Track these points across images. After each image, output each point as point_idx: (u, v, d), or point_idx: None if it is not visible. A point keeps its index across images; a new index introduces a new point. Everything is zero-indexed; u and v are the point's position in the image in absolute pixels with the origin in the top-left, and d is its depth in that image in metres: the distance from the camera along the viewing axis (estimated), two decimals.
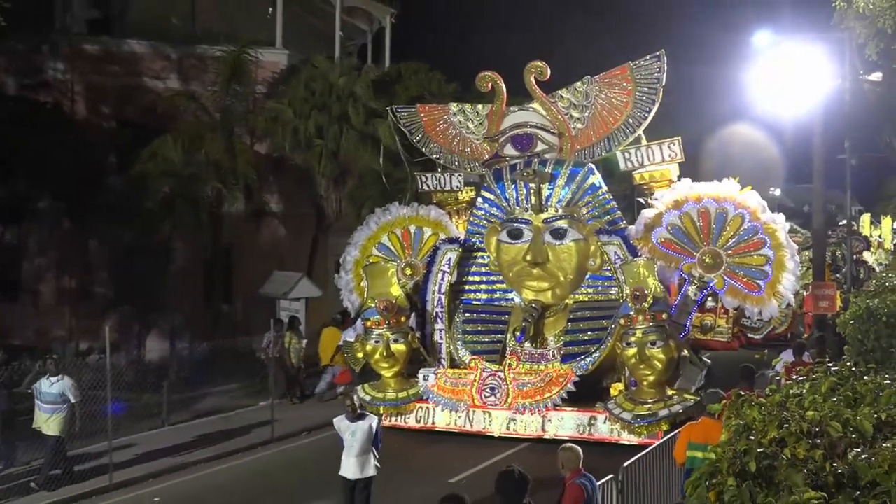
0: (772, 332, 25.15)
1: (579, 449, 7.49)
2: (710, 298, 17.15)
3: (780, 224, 14.76)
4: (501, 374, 15.05)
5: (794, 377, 4.54)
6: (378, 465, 9.95)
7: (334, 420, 10.07)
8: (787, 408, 3.71)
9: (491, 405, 14.94)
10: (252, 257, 25.70)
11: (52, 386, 12.62)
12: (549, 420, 14.52)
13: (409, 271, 17.26)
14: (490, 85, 16.93)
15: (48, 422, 12.56)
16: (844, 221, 33.08)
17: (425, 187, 18.67)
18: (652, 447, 10.68)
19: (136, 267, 23.12)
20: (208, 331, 23.73)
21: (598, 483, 7.64)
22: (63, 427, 12.67)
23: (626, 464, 8.94)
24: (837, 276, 28.66)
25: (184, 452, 14.72)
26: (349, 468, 9.70)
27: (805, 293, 26.99)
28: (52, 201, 23.23)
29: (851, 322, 10.40)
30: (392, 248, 17.90)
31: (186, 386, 19.89)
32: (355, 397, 10.01)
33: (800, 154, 30.57)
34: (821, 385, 3.90)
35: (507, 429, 14.83)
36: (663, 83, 15.59)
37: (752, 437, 3.46)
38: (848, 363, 4.51)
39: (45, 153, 21.63)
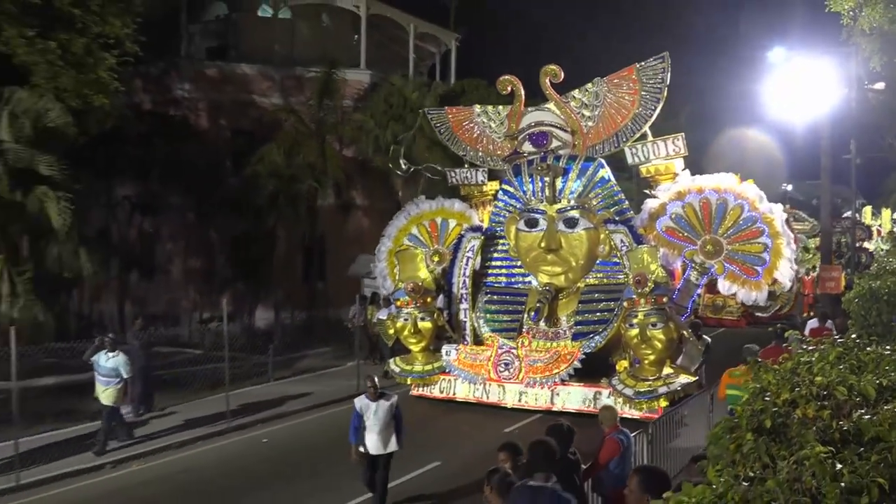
0: (778, 312, 24.05)
1: (616, 408, 7.42)
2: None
3: (777, 214, 13.77)
4: (515, 351, 14.43)
5: (817, 340, 4.40)
6: (401, 439, 9.05)
7: (355, 400, 9.12)
8: (798, 373, 3.61)
9: (505, 379, 14.31)
10: (341, 243, 26.01)
11: (108, 361, 11.95)
12: (558, 394, 13.80)
13: (436, 258, 16.52)
14: (510, 88, 16.14)
15: (104, 393, 11.90)
16: (849, 213, 32.04)
17: (454, 181, 17.88)
18: (674, 407, 10.57)
19: (248, 251, 23.64)
20: (306, 304, 24.17)
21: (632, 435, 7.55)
22: (116, 398, 11.98)
23: (655, 419, 8.83)
24: (841, 261, 27.74)
25: (286, 403, 14.98)
26: (373, 444, 8.86)
27: (806, 277, 26.31)
28: (180, 197, 23.82)
29: (856, 300, 10.03)
30: (421, 237, 17.17)
31: (288, 349, 20.27)
32: (376, 379, 9.13)
33: (809, 154, 29.55)
34: (828, 354, 3.77)
35: (520, 401, 14.13)
36: (667, 83, 14.61)
37: (767, 398, 3.38)
38: (853, 336, 4.36)
39: (174, 158, 22.22)
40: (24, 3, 15.59)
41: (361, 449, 8.90)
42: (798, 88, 18.40)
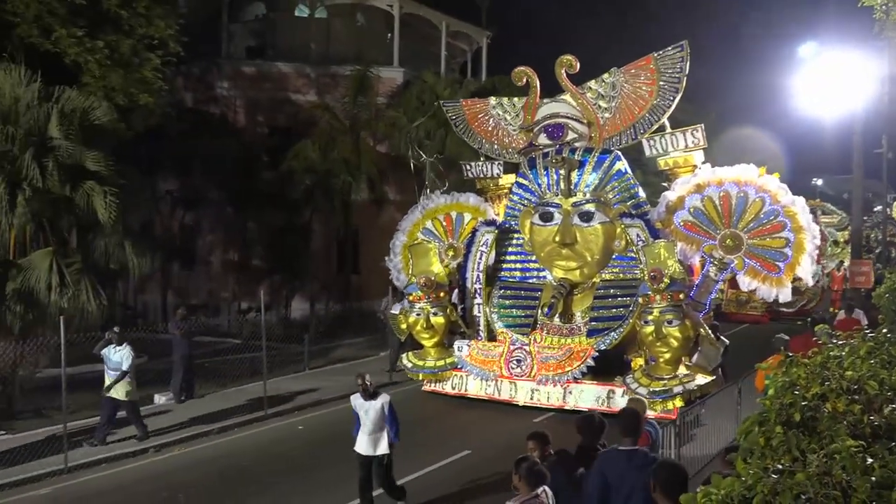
0: (804, 307, 23.36)
1: (645, 401, 7.36)
2: None
3: (800, 207, 12.91)
4: (527, 347, 13.83)
5: (847, 334, 4.32)
6: (396, 440, 8.53)
7: (351, 398, 8.66)
8: (828, 368, 3.55)
9: (517, 376, 13.71)
10: (374, 236, 26.04)
11: (115, 354, 11.63)
12: (570, 392, 13.20)
13: (451, 252, 16.00)
14: (525, 79, 15.47)
15: (116, 388, 11.59)
16: (880, 207, 31.27)
17: (469, 175, 17.32)
18: (703, 399, 10.42)
19: (284, 244, 23.85)
20: (340, 295, 24.35)
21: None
22: (126, 391, 11.64)
23: (684, 411, 8.75)
24: (871, 255, 27.08)
25: (321, 391, 15.10)
26: (363, 445, 8.43)
27: (837, 272, 25.68)
28: (219, 192, 24.11)
29: (886, 295, 9.82)
30: (435, 232, 16.62)
31: (323, 339, 20.45)
32: (367, 377, 8.51)
33: (840, 148, 28.94)
34: (859, 349, 3.71)
35: (532, 398, 13.52)
36: (686, 72, 13.86)
37: (796, 392, 3.33)
38: (884, 331, 4.26)
39: (214, 153, 22.49)
40: (73, 4, 15.91)
41: (356, 448, 8.51)
42: (829, 83, 18.00)
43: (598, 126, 14.67)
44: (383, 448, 8.42)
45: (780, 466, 2.83)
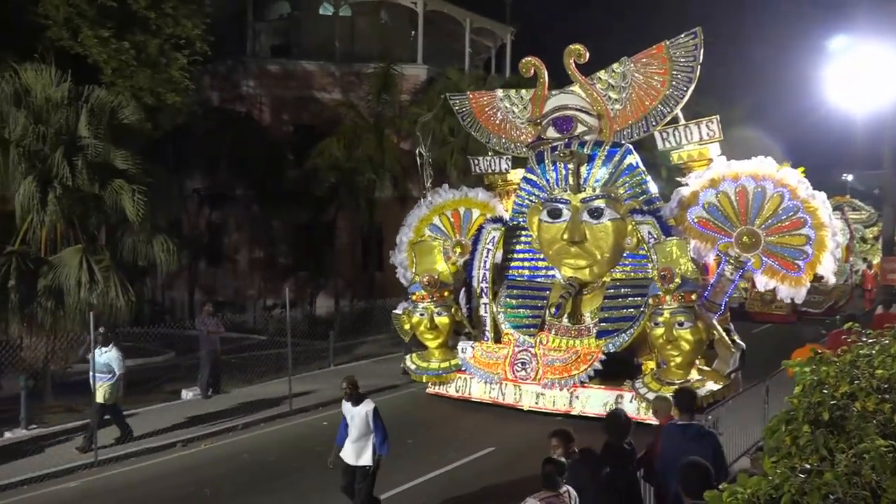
0: (832, 307, 22.39)
1: (671, 399, 7.28)
2: None
3: (821, 202, 12.10)
4: (532, 350, 13.19)
5: (878, 332, 4.23)
6: (384, 451, 7.99)
7: (343, 402, 8.23)
8: (857, 366, 3.49)
9: (521, 379, 13.09)
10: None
11: (101, 356, 11.14)
12: (577, 397, 12.57)
13: (458, 249, 15.40)
14: (532, 70, 14.77)
15: (98, 390, 11.08)
16: None
17: (477, 170, 16.67)
18: (730, 397, 10.27)
19: (309, 241, 24.05)
20: (364, 292, 24.45)
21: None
22: (109, 395, 11.15)
23: (709, 409, 8.65)
24: None
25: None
26: (347, 452, 7.99)
27: (868, 271, 25.12)
28: (245, 190, 24.35)
29: None
30: (443, 228, 16.02)
31: (347, 335, 20.54)
32: (351, 380, 8.11)
33: (871, 143, 28.40)
34: (890, 347, 3.63)
35: (536, 403, 12.93)
36: (700, 60, 13.10)
37: (825, 391, 3.28)
38: None
39: (240, 151, 22.71)
40: (102, 6, 16.15)
41: (341, 454, 8.07)
42: (861, 77, 17.68)
43: (609, 118, 14.02)
44: (366, 458, 7.92)
45: (807, 466, 2.79)
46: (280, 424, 12.92)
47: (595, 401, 12.44)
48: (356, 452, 7.94)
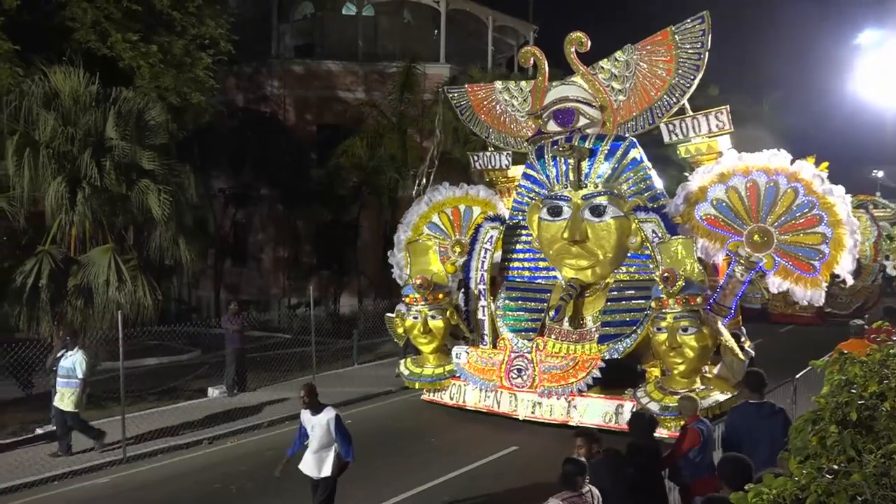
0: (859, 308, 21.45)
1: (698, 399, 7.29)
2: None
3: (839, 198, 11.16)
4: (529, 356, 12.42)
5: None
6: (350, 458, 7.60)
7: (302, 410, 7.75)
8: (887, 366, 3.43)
9: (517, 387, 12.35)
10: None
11: (66, 359, 10.73)
12: (575, 406, 11.77)
13: (458, 249, 14.67)
14: (532, 60, 14.07)
15: (61, 395, 10.66)
16: None
17: (477, 166, 15.98)
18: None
19: (333, 240, 24.17)
20: (387, 290, 24.49)
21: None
22: (74, 402, 10.68)
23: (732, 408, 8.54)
24: None
25: (370, 385, 15.23)
26: (306, 464, 7.51)
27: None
28: (269, 189, 24.55)
29: None
30: (442, 226, 15.35)
31: (371, 334, 20.60)
32: (307, 389, 7.60)
33: None
34: None
35: (533, 412, 12.16)
36: (708, 47, 12.33)
37: (853, 391, 3.23)
38: None
39: (264, 151, 22.90)
40: (128, 9, 16.38)
41: (301, 467, 7.56)
42: (892, 71, 17.35)
43: (612, 110, 13.26)
44: (327, 470, 7.45)
45: (834, 467, 2.76)
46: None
47: (594, 411, 11.68)
48: (318, 463, 7.48)
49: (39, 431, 11.95)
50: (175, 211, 13.99)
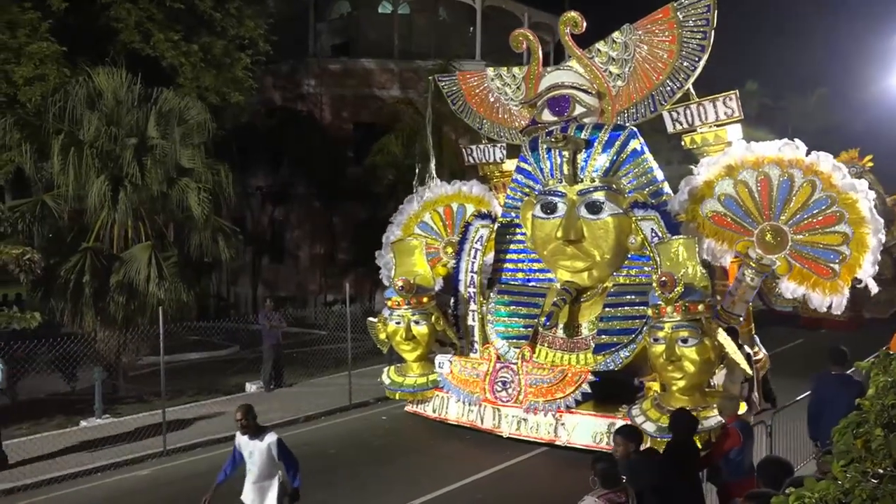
0: None
1: (739, 400, 7.20)
2: None
3: (861, 193, 9.85)
4: (515, 367, 11.22)
5: None
6: (298, 483, 6.63)
7: (237, 434, 6.78)
8: None
9: (502, 401, 11.19)
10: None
11: None
12: (563, 424, 10.54)
13: (450, 250, 13.41)
14: (525, 44, 13.08)
15: None
16: None
17: (470, 160, 15.05)
18: (798, 398, 9.80)
19: (369, 237, 24.22)
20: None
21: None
22: None
23: (774, 411, 8.41)
24: None
25: None
26: (246, 494, 6.62)
27: None
28: (306, 187, 24.78)
29: None
30: (434, 226, 14.23)
31: None
32: (244, 410, 6.60)
33: None
34: None
35: (518, 429, 10.97)
36: (714, 24, 11.06)
37: None
38: None
39: (301, 150, 23.12)
40: (171, 9, 16.69)
41: (242, 498, 6.67)
42: None
43: (611, 97, 12.08)
44: (272, 499, 6.59)
45: (880, 471, 2.68)
46: (340, 418, 13.11)
47: (583, 430, 10.40)
48: (259, 494, 6.60)
49: (84, 424, 12.26)
50: (213, 209, 14.22)
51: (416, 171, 15.38)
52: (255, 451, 6.59)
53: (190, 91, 16.48)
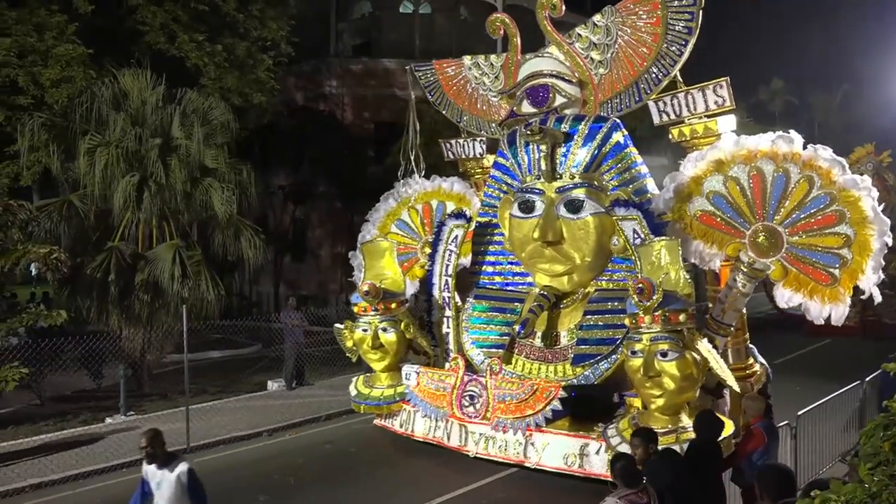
0: None
1: (762, 399, 7.06)
2: None
3: (864, 190, 8.73)
4: (483, 380, 10.16)
5: None
6: None
7: (144, 464, 6.15)
8: None
9: (469, 416, 10.10)
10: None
11: None
12: (532, 444, 9.50)
13: (428, 250, 12.26)
14: (502, 30, 12.25)
15: None
16: None
17: (449, 155, 14.17)
18: (824, 400, 9.52)
19: None
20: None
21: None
22: None
23: (800, 413, 8.26)
24: None
25: None
26: None
27: None
28: (328, 186, 24.88)
29: None
30: (412, 225, 13.24)
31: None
32: (150, 436, 5.99)
33: None
34: None
35: (485, 449, 9.91)
36: (702, 5, 10.11)
37: None
38: None
39: (323, 149, 23.23)
40: (196, 11, 16.86)
41: None
42: None
43: (593, 85, 11.15)
44: None
45: None
46: (361, 417, 13.14)
47: (554, 450, 9.38)
48: None
49: (110, 421, 12.42)
50: (236, 208, 14.34)
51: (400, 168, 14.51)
52: (163, 481, 5.97)
53: (213, 92, 16.64)
